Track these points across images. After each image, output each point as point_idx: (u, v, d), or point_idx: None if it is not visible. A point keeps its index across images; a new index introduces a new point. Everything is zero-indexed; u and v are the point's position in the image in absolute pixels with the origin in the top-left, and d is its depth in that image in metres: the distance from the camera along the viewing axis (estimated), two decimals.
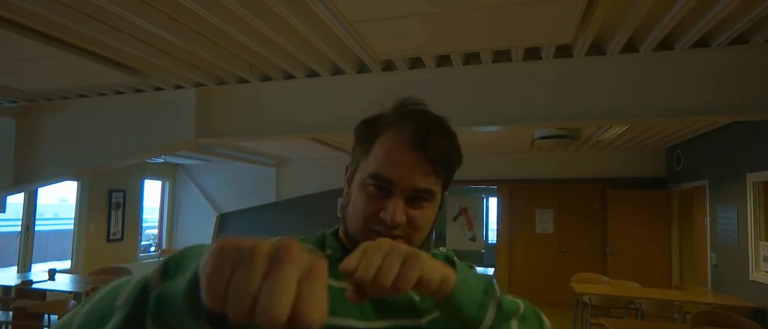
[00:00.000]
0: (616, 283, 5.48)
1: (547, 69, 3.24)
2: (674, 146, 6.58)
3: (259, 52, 3.10)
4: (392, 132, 0.69)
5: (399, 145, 0.67)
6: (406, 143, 0.67)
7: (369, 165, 0.69)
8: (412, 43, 2.88)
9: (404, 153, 0.67)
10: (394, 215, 0.65)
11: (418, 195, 0.68)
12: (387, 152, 0.68)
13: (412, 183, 0.67)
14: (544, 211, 7.56)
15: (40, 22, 2.68)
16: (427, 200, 0.69)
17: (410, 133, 0.68)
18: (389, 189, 0.67)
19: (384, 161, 0.68)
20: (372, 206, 0.68)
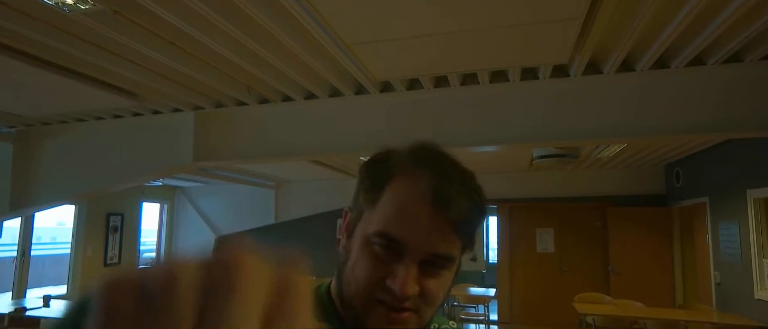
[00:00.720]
0: (619, 303, 5.41)
1: (545, 88, 3.25)
2: (673, 163, 6.58)
3: (257, 75, 3.11)
4: (407, 181, 0.58)
5: (415, 200, 0.56)
6: (425, 198, 0.56)
7: (376, 220, 0.57)
8: (409, 65, 2.90)
9: (421, 210, 0.55)
10: (405, 286, 0.55)
11: (435, 262, 0.57)
12: (399, 207, 0.57)
13: (429, 249, 0.56)
14: (545, 230, 7.51)
15: (38, 47, 2.69)
16: (444, 267, 0.58)
17: (430, 185, 0.56)
18: (399, 252, 0.55)
19: (395, 218, 0.56)
20: (377, 270, 0.56)
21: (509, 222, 7.68)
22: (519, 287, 7.52)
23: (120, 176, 4.30)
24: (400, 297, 0.55)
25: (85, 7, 2.04)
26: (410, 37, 2.44)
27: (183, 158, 4.03)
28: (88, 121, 4.31)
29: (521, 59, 2.84)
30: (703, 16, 2.33)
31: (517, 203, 7.60)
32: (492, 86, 3.30)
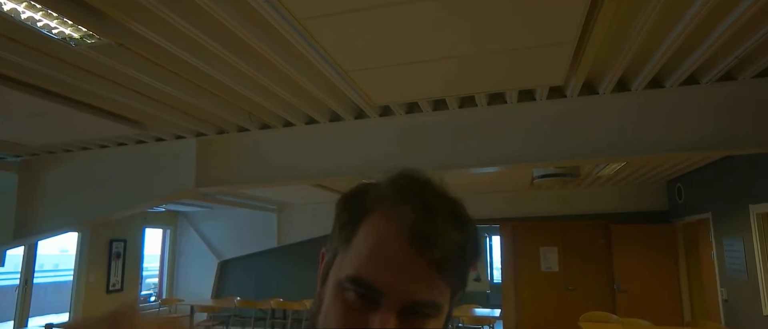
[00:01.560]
0: (626, 322, 5.35)
1: (542, 110, 3.29)
2: (674, 179, 6.58)
3: (257, 102, 3.17)
4: (384, 216, 0.50)
5: (392, 238, 0.48)
6: (403, 235, 0.48)
7: (349, 263, 0.50)
8: (407, 89, 2.95)
9: (399, 250, 0.48)
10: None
11: (418, 310, 0.48)
12: (374, 246, 0.49)
13: (410, 295, 0.48)
14: (548, 249, 7.47)
15: (45, 80, 2.76)
16: (429, 316, 0.49)
17: (409, 220, 0.48)
18: (375, 300, 0.48)
19: (370, 260, 0.48)
20: (350, 321, 0.48)
21: (512, 241, 7.65)
22: (524, 307, 7.44)
23: (123, 203, 4.33)
24: None
25: (91, 41, 2.11)
26: (407, 63, 2.50)
27: (185, 184, 4.07)
28: (92, 149, 4.37)
29: (518, 82, 2.89)
30: (694, 37, 2.38)
31: (520, 222, 7.59)
32: (490, 108, 3.34)
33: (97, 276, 7.38)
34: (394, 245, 0.48)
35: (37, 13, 1.88)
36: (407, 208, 0.49)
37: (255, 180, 4.05)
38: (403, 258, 0.48)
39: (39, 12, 1.88)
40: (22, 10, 1.85)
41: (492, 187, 7.02)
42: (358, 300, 0.48)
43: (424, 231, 0.48)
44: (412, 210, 0.49)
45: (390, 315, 0.47)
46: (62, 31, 2.03)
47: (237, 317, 7.92)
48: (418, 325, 0.49)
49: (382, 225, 0.50)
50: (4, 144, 4.08)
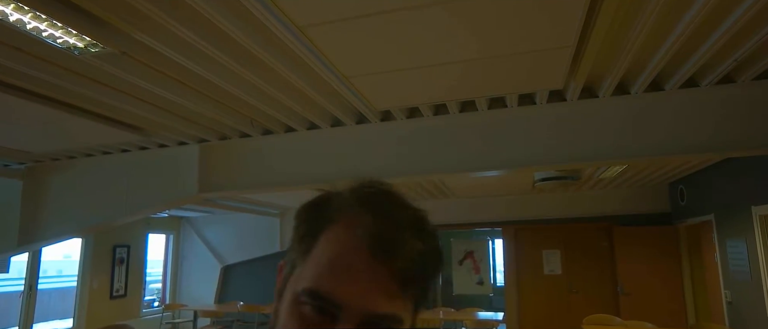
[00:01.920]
0: (629, 324, 5.34)
1: (543, 113, 3.30)
2: (677, 181, 6.57)
3: (259, 108, 3.19)
4: (343, 226, 0.48)
5: (352, 249, 0.47)
6: (363, 246, 0.46)
7: (306, 275, 0.48)
8: (408, 94, 2.97)
9: (359, 261, 0.46)
10: None
11: (378, 323, 0.46)
12: (333, 257, 0.47)
13: (369, 309, 0.45)
14: (551, 252, 7.46)
15: (49, 88, 2.78)
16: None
17: (371, 230, 0.47)
18: (333, 314, 0.46)
19: (328, 271, 0.47)
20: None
21: (515, 244, 7.65)
22: (527, 310, 7.43)
23: (127, 208, 4.35)
24: None
25: (95, 50, 2.13)
26: (407, 69, 2.52)
27: (188, 190, 4.09)
28: (95, 155, 4.40)
29: (518, 86, 2.91)
30: (692, 41, 2.40)
31: (522, 225, 7.59)
32: (490, 113, 3.36)
33: (101, 281, 7.41)
34: (354, 256, 0.46)
35: (42, 24, 1.91)
36: (369, 218, 0.48)
37: (257, 186, 4.07)
38: (363, 269, 0.46)
39: (44, 22, 1.91)
40: (27, 20, 1.88)
41: (494, 191, 7.03)
42: (316, 315, 0.46)
43: (386, 241, 0.46)
44: (373, 221, 0.47)
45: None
46: (67, 40, 2.06)
47: (240, 322, 7.93)
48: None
49: (343, 235, 0.48)
50: (8, 151, 4.12)
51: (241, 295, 8.64)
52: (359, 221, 0.48)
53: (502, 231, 7.71)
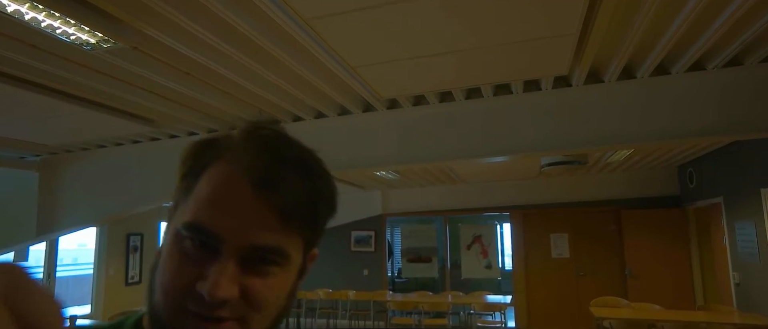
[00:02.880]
0: (636, 306, 5.38)
1: (548, 99, 3.31)
2: (686, 164, 6.55)
3: (267, 98, 3.24)
4: (227, 162, 0.47)
5: (233, 183, 0.46)
6: (245, 179, 0.45)
7: (188, 209, 0.46)
8: (413, 83, 2.99)
9: (241, 194, 0.45)
10: (217, 288, 0.43)
11: (262, 257, 0.46)
12: (214, 191, 0.46)
13: (249, 240, 0.45)
14: (559, 236, 7.50)
15: (63, 82, 2.85)
16: (276, 263, 0.47)
17: (253, 164, 0.46)
18: (214, 247, 0.45)
19: (208, 204, 0.45)
20: (187, 272, 0.45)
21: (523, 228, 7.69)
22: (535, 293, 7.50)
23: (140, 198, 4.45)
24: (210, 302, 0.43)
25: (107, 45, 2.18)
26: (413, 57, 2.54)
27: None
28: (108, 147, 4.49)
29: (523, 73, 2.92)
30: (698, 23, 2.39)
31: (530, 210, 7.62)
32: (496, 99, 3.38)
33: (117, 269, 7.59)
34: (236, 190, 0.45)
35: (55, 21, 1.96)
36: (253, 154, 0.47)
37: None
38: (245, 202, 0.45)
39: (57, 20, 1.96)
40: (41, 18, 1.93)
41: (501, 176, 7.05)
42: (197, 249, 0.45)
43: (269, 176, 0.46)
44: (257, 156, 0.47)
45: (229, 262, 0.44)
46: (79, 36, 2.11)
47: None
48: (263, 274, 0.46)
49: (225, 170, 0.47)
50: (24, 144, 4.22)
51: None
52: (243, 157, 0.47)
53: (510, 215, 7.75)
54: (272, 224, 0.46)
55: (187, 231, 0.45)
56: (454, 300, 6.68)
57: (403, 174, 6.38)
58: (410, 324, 6.74)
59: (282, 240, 0.47)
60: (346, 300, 7.20)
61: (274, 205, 0.46)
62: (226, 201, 0.45)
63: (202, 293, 0.43)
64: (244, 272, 0.45)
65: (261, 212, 0.45)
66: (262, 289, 0.46)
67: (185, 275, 0.44)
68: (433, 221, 8.63)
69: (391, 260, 9.17)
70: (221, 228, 0.44)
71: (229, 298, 0.44)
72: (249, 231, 0.45)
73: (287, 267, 0.48)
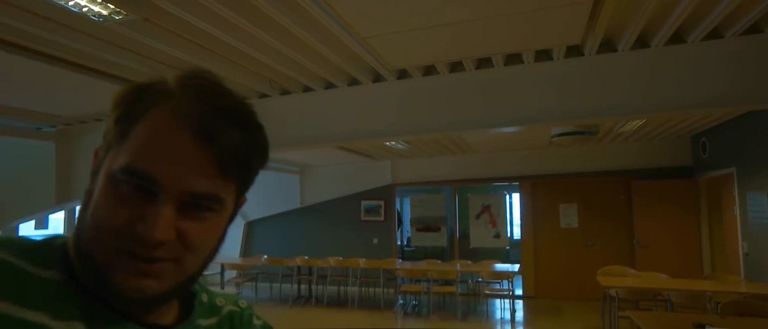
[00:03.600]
0: (643, 275, 5.44)
1: (559, 69, 3.28)
2: (699, 134, 6.47)
3: (277, 69, 3.24)
4: (167, 110, 0.48)
5: (173, 130, 0.47)
6: (186, 128, 0.47)
7: (125, 153, 0.47)
8: (424, 53, 2.97)
9: (180, 141, 0.47)
10: (155, 228, 0.45)
11: (198, 203, 0.48)
12: (154, 138, 0.47)
13: (188, 187, 0.47)
14: (568, 206, 7.52)
15: (76, 54, 2.88)
16: (210, 209, 0.50)
17: (193, 114, 0.48)
18: (151, 191, 0.46)
19: (148, 150, 0.47)
20: (124, 214, 0.46)
21: (532, 198, 7.72)
22: (543, 262, 7.59)
23: None
24: (149, 243, 0.45)
25: (118, 17, 2.20)
26: (423, 27, 2.52)
27: None
28: None
29: (534, 42, 2.88)
30: None
31: (539, 180, 7.62)
32: (506, 69, 3.35)
33: None
34: (176, 137, 0.47)
35: None
36: (194, 104, 0.48)
37: (277, 145, 4.18)
38: (185, 150, 0.47)
39: None
40: None
41: (511, 145, 7.04)
42: (133, 193, 0.46)
43: (208, 126, 0.48)
44: (198, 106, 0.48)
45: (167, 206, 0.46)
46: (91, 8, 2.13)
47: (265, 274, 8.31)
48: (198, 219, 0.49)
49: (166, 118, 0.48)
50: (39, 115, 4.29)
51: (265, 249, 9.01)
52: (184, 106, 0.48)
53: (519, 185, 7.77)
54: (210, 172, 0.48)
55: (125, 176, 0.46)
56: (463, 268, 6.80)
57: (412, 144, 6.39)
58: (419, 291, 6.89)
59: (218, 188, 0.49)
60: (356, 267, 7.36)
61: (212, 154, 0.48)
62: (166, 149, 0.47)
63: (139, 234, 0.45)
64: (180, 216, 0.47)
65: (200, 160, 0.47)
66: (197, 233, 0.49)
67: (122, 216, 0.46)
68: (442, 191, 8.69)
69: (400, 229, 9.30)
70: (161, 175, 0.46)
71: (166, 241, 0.46)
72: (188, 179, 0.47)
73: (221, 212, 0.51)
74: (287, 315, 6.89)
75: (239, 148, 0.50)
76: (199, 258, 0.51)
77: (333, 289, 8.03)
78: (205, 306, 0.63)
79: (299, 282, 7.99)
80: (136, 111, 0.49)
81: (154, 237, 0.45)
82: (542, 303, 7.23)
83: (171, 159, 0.46)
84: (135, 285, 0.46)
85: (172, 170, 0.46)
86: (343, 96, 3.86)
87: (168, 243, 0.47)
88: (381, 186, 8.41)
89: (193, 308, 0.59)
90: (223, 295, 0.68)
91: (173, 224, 0.47)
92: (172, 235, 0.47)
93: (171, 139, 0.47)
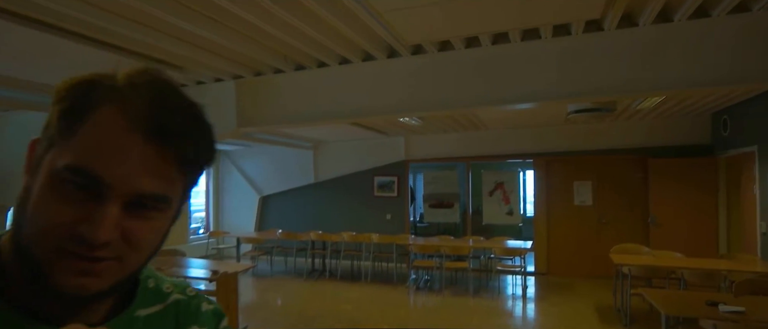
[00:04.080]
0: (657, 254, 5.42)
1: (577, 44, 3.21)
2: (720, 111, 6.32)
3: (291, 44, 3.23)
4: (117, 109, 0.47)
5: (124, 130, 0.46)
6: (135, 128, 0.47)
7: (70, 151, 0.46)
8: (439, 27, 2.93)
9: (131, 143, 0.46)
10: (101, 229, 0.45)
11: (145, 203, 0.48)
12: (103, 137, 0.46)
13: (136, 187, 0.46)
14: (583, 183, 7.46)
15: (93, 29, 2.90)
16: (157, 209, 0.49)
17: (144, 114, 0.47)
18: (98, 191, 0.45)
19: (96, 150, 0.46)
20: (67, 214, 0.45)
21: (546, 175, 7.67)
22: (556, 239, 7.59)
23: None
24: (94, 243, 0.45)
25: None
26: (439, 1, 2.48)
27: (228, 125, 4.26)
28: None
29: (553, 17, 2.82)
30: None
31: (554, 157, 7.56)
32: (523, 44, 3.29)
33: None
34: (126, 137, 0.46)
35: None
36: (145, 103, 0.47)
37: (291, 120, 4.21)
38: (134, 151, 0.46)
39: None
40: None
41: (526, 122, 6.96)
42: (78, 191, 0.45)
43: (159, 127, 0.47)
44: (148, 105, 0.47)
45: (114, 206, 0.46)
46: None
47: (279, 247, 8.47)
48: (144, 218, 0.48)
49: (115, 117, 0.47)
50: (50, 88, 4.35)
51: (279, 223, 9.15)
52: (135, 105, 0.47)
53: (534, 162, 7.72)
54: (159, 173, 0.48)
55: (70, 174, 0.45)
56: (475, 244, 6.84)
57: (426, 120, 6.36)
58: (432, 266, 6.97)
59: (167, 188, 0.49)
60: (369, 242, 7.45)
61: (162, 155, 0.47)
62: (115, 149, 0.46)
63: (83, 235, 0.45)
64: (126, 215, 0.47)
65: (149, 161, 0.47)
66: (142, 232, 0.48)
67: (65, 215, 0.45)
68: (455, 167, 8.68)
69: (413, 205, 9.34)
70: (109, 176, 0.45)
71: (111, 241, 0.46)
72: (136, 179, 0.46)
73: (167, 211, 0.51)
74: (302, 288, 7.04)
75: (189, 149, 0.49)
76: (142, 256, 0.50)
77: (346, 263, 8.16)
78: (149, 293, 0.62)
79: (313, 257, 8.13)
80: (83, 107, 0.47)
81: (99, 239, 0.45)
82: (554, 280, 7.27)
83: (120, 159, 0.46)
84: (75, 284, 0.46)
85: (120, 171, 0.45)
86: (357, 71, 3.84)
87: (112, 243, 0.46)
88: (394, 162, 8.42)
89: (133, 297, 0.58)
90: (172, 282, 0.66)
91: (119, 224, 0.46)
92: (116, 236, 0.46)
93: (121, 139, 0.46)
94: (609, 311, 5.55)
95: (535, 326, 5.43)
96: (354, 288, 6.98)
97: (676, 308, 3.50)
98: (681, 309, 3.52)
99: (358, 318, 5.44)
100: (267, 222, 9.51)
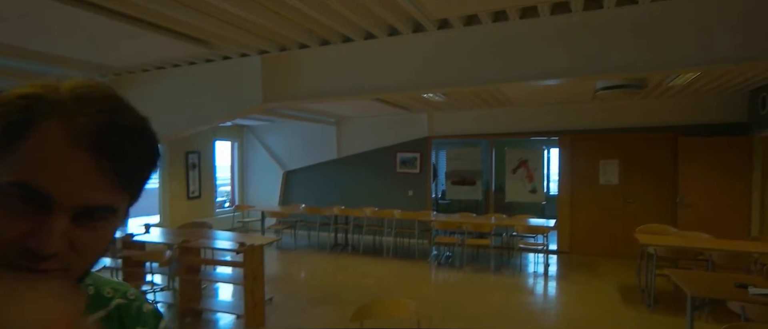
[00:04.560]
0: (684, 234, 5.32)
1: (612, 17, 3.10)
2: (760, 88, 6.06)
3: (316, 18, 3.22)
4: (58, 123, 0.47)
5: (67, 145, 0.47)
6: (79, 144, 0.47)
7: (15, 167, 0.46)
8: (467, 0, 2.87)
9: (75, 158, 0.47)
10: (49, 243, 0.46)
11: (92, 214, 0.49)
12: (47, 153, 0.47)
13: (83, 201, 0.48)
14: (609, 162, 7.32)
15: (123, 4, 2.94)
16: (105, 219, 0.50)
17: (88, 129, 0.48)
18: (44, 205, 0.46)
19: (41, 166, 0.46)
20: (13, 227, 0.46)
21: (571, 154, 7.55)
22: (579, 218, 7.51)
23: (197, 118, 4.70)
24: (40, 256, 0.46)
25: None
26: None
27: (254, 100, 4.31)
28: (166, 68, 4.68)
29: None
30: None
31: (580, 135, 7.41)
32: (553, 18, 3.20)
33: (179, 183, 8.21)
34: (71, 153, 0.47)
35: None
36: (87, 118, 0.48)
37: (316, 95, 4.22)
38: (80, 166, 0.47)
39: None
40: None
41: (552, 99, 6.82)
42: (24, 205, 0.46)
43: (104, 141, 0.48)
44: (92, 121, 0.48)
45: (60, 219, 0.47)
46: None
47: (303, 222, 8.62)
48: (92, 228, 0.49)
49: (59, 132, 0.47)
50: (91, 65, 4.47)
51: (303, 198, 9.30)
52: (78, 120, 0.48)
53: (559, 140, 7.59)
54: (105, 186, 0.48)
55: (15, 189, 0.46)
56: (498, 221, 6.83)
57: (450, 96, 6.30)
58: (454, 242, 7.01)
59: (113, 200, 0.50)
60: (391, 218, 7.51)
61: (108, 169, 0.48)
62: (60, 165, 0.47)
63: (30, 248, 0.46)
64: (74, 226, 0.48)
65: (95, 175, 0.48)
66: (89, 241, 0.50)
67: (11, 229, 0.46)
68: (478, 144, 8.61)
69: (435, 182, 9.35)
70: (55, 191, 0.46)
71: (59, 252, 0.47)
72: (83, 193, 0.47)
73: (114, 220, 0.52)
74: (325, 261, 7.19)
75: (135, 161, 0.51)
76: (87, 264, 0.52)
77: (368, 239, 8.27)
78: (92, 300, 0.62)
79: (336, 231, 8.26)
80: (24, 121, 0.47)
81: (46, 251, 0.46)
82: (576, 259, 7.23)
83: (66, 176, 0.46)
84: None
85: (66, 186, 0.46)
86: (382, 46, 3.81)
87: (60, 255, 0.47)
88: (417, 138, 8.41)
89: None
90: (113, 285, 0.67)
91: (66, 235, 0.47)
92: (64, 247, 0.47)
93: (65, 155, 0.47)
94: (632, 291, 5.51)
95: (556, 304, 5.44)
96: (376, 263, 7.09)
97: (703, 289, 3.45)
98: (708, 290, 3.46)
99: (379, 293, 5.55)
100: (291, 196, 9.67)
